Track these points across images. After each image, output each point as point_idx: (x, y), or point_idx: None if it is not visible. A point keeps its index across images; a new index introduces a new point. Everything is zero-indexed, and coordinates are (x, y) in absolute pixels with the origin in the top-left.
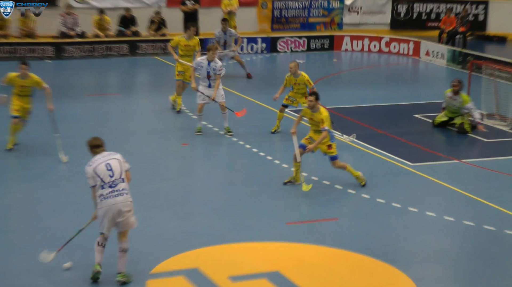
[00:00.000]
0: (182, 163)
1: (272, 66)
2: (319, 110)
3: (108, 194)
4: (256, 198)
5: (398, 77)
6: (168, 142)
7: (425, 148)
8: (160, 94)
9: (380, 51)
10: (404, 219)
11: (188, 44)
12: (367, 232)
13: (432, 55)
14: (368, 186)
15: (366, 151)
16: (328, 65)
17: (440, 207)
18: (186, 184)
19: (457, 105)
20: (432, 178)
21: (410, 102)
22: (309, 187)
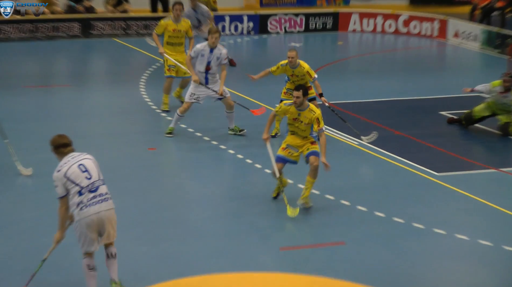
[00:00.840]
0: (148, 172)
1: (261, 51)
2: (308, 108)
3: (90, 201)
4: (241, 216)
5: (420, 65)
6: (131, 147)
7: (454, 154)
8: (121, 86)
9: (397, 32)
10: (428, 244)
11: (178, 29)
12: (381, 259)
13: (462, 37)
14: (382, 202)
15: (380, 157)
16: (332, 50)
17: (474, 228)
18: (154, 200)
19: (508, 104)
20: (464, 192)
21: (434, 96)
22: (295, 211)
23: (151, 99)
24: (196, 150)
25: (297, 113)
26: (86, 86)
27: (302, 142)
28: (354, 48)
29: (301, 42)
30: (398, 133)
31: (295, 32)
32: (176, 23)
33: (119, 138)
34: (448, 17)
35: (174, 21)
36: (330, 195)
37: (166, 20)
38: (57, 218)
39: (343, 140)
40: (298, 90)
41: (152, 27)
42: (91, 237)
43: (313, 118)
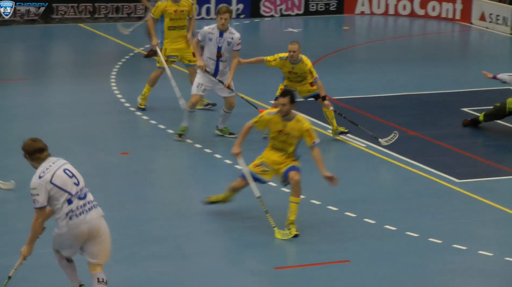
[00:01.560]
0: (121, 181)
1: (253, 38)
2: (295, 118)
3: (80, 209)
4: (230, 232)
5: (439, 54)
6: (101, 152)
7: (478, 157)
8: (88, 80)
9: (413, 15)
10: (447, 262)
11: (179, 10)
12: (392, 279)
13: (489, 20)
14: (393, 214)
15: (392, 161)
16: (336, 36)
17: (501, 243)
18: (129, 213)
19: None
20: (488, 201)
21: (455, 90)
22: (286, 233)
23: (124, 96)
24: (177, 154)
25: (282, 125)
26: (46, 81)
27: (282, 160)
28: (362, 34)
29: (301, 28)
30: (413, 134)
31: (292, 15)
32: (177, 3)
33: (87, 142)
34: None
35: (174, 1)
36: (333, 206)
37: (164, 1)
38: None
39: (348, 142)
40: (284, 96)
41: (124, 10)
42: (74, 249)
43: (304, 130)
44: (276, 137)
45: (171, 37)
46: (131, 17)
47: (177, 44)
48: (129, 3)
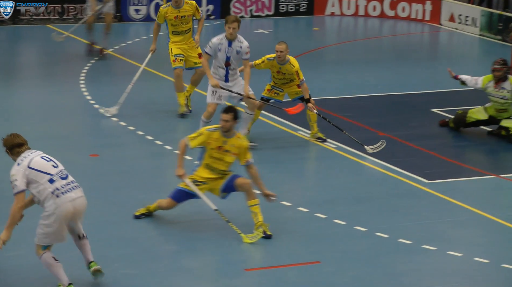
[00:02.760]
0: (90, 183)
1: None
2: (236, 135)
3: (65, 187)
4: (199, 233)
5: (409, 55)
6: (70, 153)
7: (447, 158)
8: (57, 82)
9: (383, 16)
10: (417, 262)
11: (181, 15)
12: (363, 280)
13: (458, 21)
14: (364, 215)
15: (362, 162)
16: (306, 37)
17: (469, 243)
18: (98, 215)
19: (508, 97)
20: (458, 202)
21: (425, 91)
22: (253, 236)
23: (94, 97)
24: (147, 156)
25: (222, 141)
26: (14, 82)
27: (216, 177)
28: (333, 35)
29: (271, 29)
30: (383, 135)
31: (263, 16)
32: (178, 8)
33: (56, 143)
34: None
35: (175, 6)
36: (303, 208)
37: (165, 7)
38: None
39: (319, 143)
40: (228, 112)
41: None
42: (63, 232)
43: (243, 147)
44: (212, 155)
45: (175, 40)
46: (100, 18)
47: (182, 45)
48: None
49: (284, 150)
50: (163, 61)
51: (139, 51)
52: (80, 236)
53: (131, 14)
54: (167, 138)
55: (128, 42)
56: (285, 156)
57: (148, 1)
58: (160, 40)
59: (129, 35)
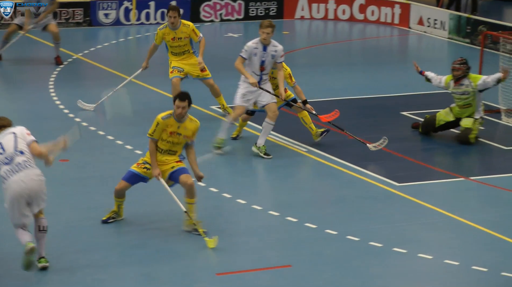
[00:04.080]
0: (59, 188)
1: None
2: (188, 117)
3: (9, 171)
4: (169, 238)
5: (378, 58)
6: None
7: (418, 161)
8: (26, 87)
9: (352, 19)
10: (387, 265)
11: (177, 37)
12: (334, 283)
13: (427, 24)
14: (335, 218)
15: (332, 165)
16: (277, 41)
17: (439, 246)
18: (67, 220)
19: (469, 92)
20: (428, 204)
21: (395, 94)
22: (213, 241)
23: (63, 102)
24: (117, 161)
25: (176, 126)
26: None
27: (167, 160)
28: (302, 38)
29: (241, 33)
30: (352, 138)
31: (232, 20)
32: (174, 30)
33: None
34: (411, 1)
35: (172, 28)
36: (274, 211)
37: (163, 28)
38: None
39: (289, 147)
40: (183, 99)
41: (62, 16)
42: (22, 212)
43: (196, 129)
44: (164, 138)
45: (175, 59)
46: (69, 22)
47: (183, 60)
48: (67, 9)
49: (255, 154)
50: (135, 67)
51: (109, 56)
52: (40, 228)
53: (100, 18)
54: (138, 143)
55: (98, 47)
56: (256, 160)
57: (117, 6)
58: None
59: (98, 39)
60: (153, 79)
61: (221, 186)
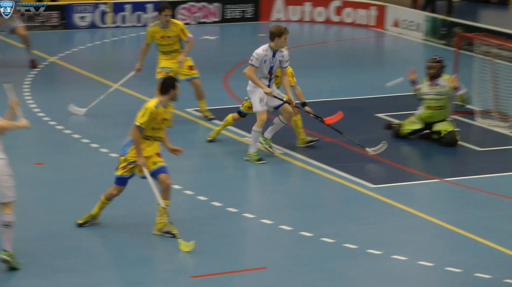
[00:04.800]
0: (34, 192)
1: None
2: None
3: None
4: (143, 242)
5: (354, 60)
6: (13, 161)
7: (392, 163)
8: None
9: (328, 22)
10: (362, 266)
11: (167, 35)
12: (309, 285)
13: (403, 26)
14: (309, 220)
15: (308, 167)
16: (252, 43)
17: (414, 248)
18: (40, 224)
19: (444, 93)
20: (403, 206)
21: (370, 96)
22: (189, 245)
23: (38, 106)
24: (92, 164)
25: (163, 112)
26: None
27: (147, 151)
28: None
29: (218, 35)
30: (328, 140)
31: (209, 23)
32: (164, 28)
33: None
34: (387, 3)
35: (162, 26)
36: (249, 213)
37: (152, 26)
38: None
39: (265, 150)
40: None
41: (37, 19)
42: None
43: (172, 112)
44: (153, 127)
45: (164, 58)
46: (45, 25)
47: (173, 60)
48: (43, 12)
49: (231, 157)
50: (111, 69)
51: (84, 59)
52: (3, 222)
53: (76, 21)
54: (112, 146)
55: (73, 50)
56: (232, 162)
57: (93, 9)
58: (106, 47)
59: (74, 42)
60: (127, 81)
61: (197, 189)
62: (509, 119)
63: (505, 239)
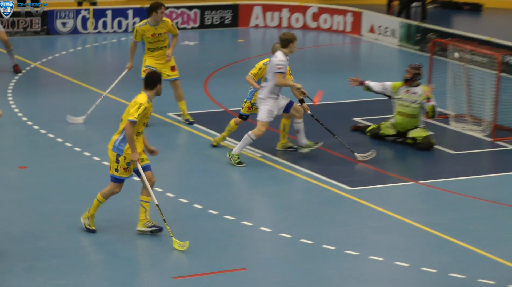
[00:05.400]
0: (18, 195)
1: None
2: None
3: None
4: (126, 243)
5: (331, 65)
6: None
7: (369, 166)
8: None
9: (305, 27)
10: (340, 267)
11: (157, 33)
12: (288, 285)
13: (378, 32)
14: (289, 222)
15: (287, 170)
16: (232, 49)
17: (390, 248)
18: (27, 226)
19: (418, 102)
20: (379, 208)
21: (347, 101)
22: (182, 244)
23: (21, 110)
24: (75, 167)
25: (151, 106)
26: None
27: (139, 148)
28: (257, 46)
29: (197, 41)
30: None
31: (188, 28)
32: (155, 26)
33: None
34: (363, 10)
35: (152, 24)
36: (229, 216)
37: (142, 25)
38: None
39: (244, 153)
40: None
41: (20, 25)
42: None
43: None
44: (144, 123)
45: (152, 55)
46: (27, 31)
47: (157, 59)
48: (25, 18)
49: (211, 160)
50: (93, 74)
51: (67, 64)
52: None
53: (58, 27)
54: (95, 150)
55: (56, 55)
56: (212, 165)
57: (75, 15)
58: (90, 53)
59: (56, 48)
60: (108, 86)
61: (178, 192)
62: (482, 123)
63: (478, 240)
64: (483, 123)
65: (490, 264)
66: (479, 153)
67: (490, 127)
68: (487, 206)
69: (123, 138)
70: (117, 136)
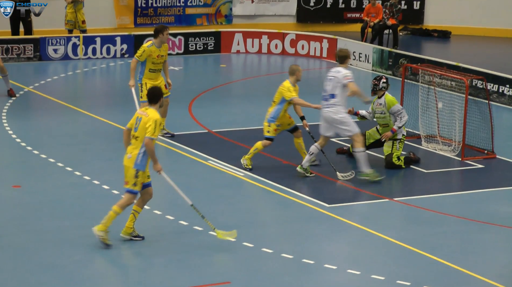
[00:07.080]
0: (11, 213)
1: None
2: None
3: None
4: (118, 257)
5: (309, 89)
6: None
7: (345, 184)
8: None
9: (284, 53)
10: (319, 280)
11: (161, 54)
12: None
13: (353, 58)
14: (270, 238)
15: (267, 188)
16: (214, 73)
17: (367, 262)
18: (21, 242)
19: (384, 112)
20: (356, 224)
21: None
22: (232, 233)
23: (15, 132)
24: (67, 186)
25: None
26: None
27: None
28: (238, 71)
29: (181, 66)
30: (287, 163)
31: (173, 54)
32: (159, 48)
33: None
34: (338, 36)
35: (158, 46)
36: (213, 232)
37: (150, 46)
38: None
39: (227, 172)
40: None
41: (13, 51)
42: None
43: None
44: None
45: (151, 77)
46: (20, 57)
47: (154, 81)
48: (18, 44)
49: (195, 177)
50: (83, 98)
51: (58, 88)
52: None
53: (50, 53)
54: (85, 169)
55: (48, 80)
56: (196, 182)
57: (65, 42)
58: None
59: (48, 73)
60: (98, 109)
61: (164, 209)
62: (452, 144)
63: (449, 254)
64: (452, 144)
65: (460, 276)
66: (449, 171)
67: (459, 147)
68: (457, 222)
69: (144, 155)
70: (136, 154)
